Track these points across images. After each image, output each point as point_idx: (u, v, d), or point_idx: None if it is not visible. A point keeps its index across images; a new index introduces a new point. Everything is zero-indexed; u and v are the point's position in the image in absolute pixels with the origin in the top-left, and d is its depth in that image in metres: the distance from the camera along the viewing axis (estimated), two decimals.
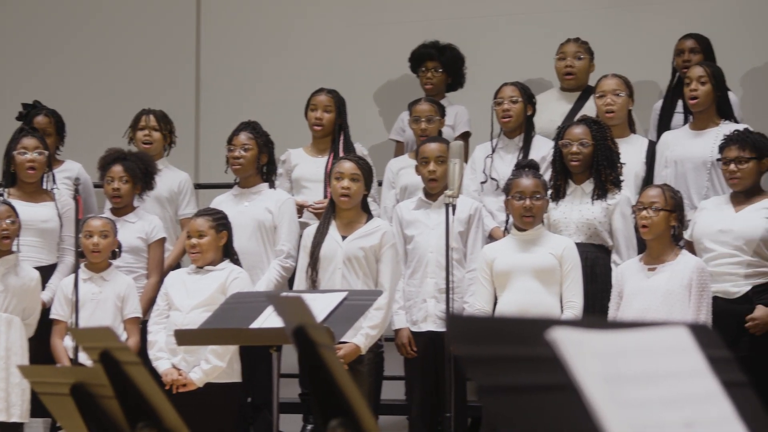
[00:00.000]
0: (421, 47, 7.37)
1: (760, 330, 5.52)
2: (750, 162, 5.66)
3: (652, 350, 1.86)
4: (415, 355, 6.10)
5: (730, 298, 5.58)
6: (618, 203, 5.92)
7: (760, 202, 5.68)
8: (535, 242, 5.78)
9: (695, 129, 6.31)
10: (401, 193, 6.63)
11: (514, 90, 6.49)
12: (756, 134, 5.77)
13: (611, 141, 6.03)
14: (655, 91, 7.34)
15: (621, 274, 5.61)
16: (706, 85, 6.21)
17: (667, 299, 5.38)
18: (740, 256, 5.60)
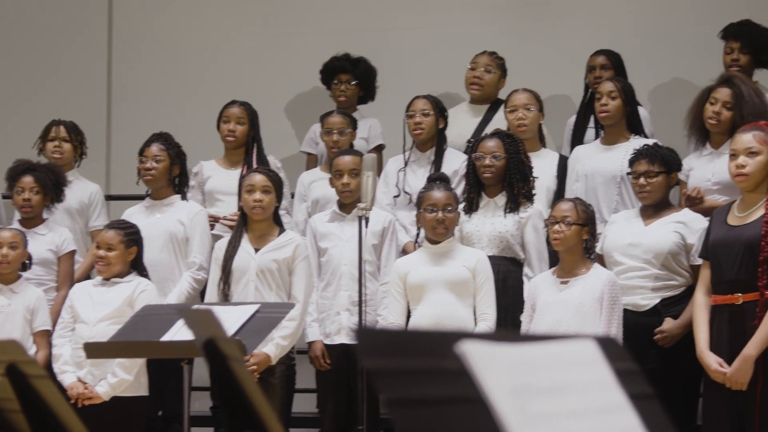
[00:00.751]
0: (333, 60, 7.38)
1: (668, 343, 5.58)
2: (659, 176, 5.73)
3: (560, 363, 1.88)
4: (328, 368, 6.10)
5: (639, 311, 5.64)
6: (530, 216, 5.96)
7: (668, 216, 5.74)
8: (448, 255, 5.81)
9: (606, 143, 6.38)
10: (313, 206, 6.62)
11: (425, 103, 6.53)
12: (665, 149, 5.84)
13: (524, 154, 6.08)
14: (569, 106, 7.41)
15: (534, 287, 5.65)
16: (617, 100, 6.28)
17: (579, 312, 5.43)
18: (649, 270, 5.66)
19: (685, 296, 5.62)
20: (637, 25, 7.68)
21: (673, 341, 5.57)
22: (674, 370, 5.53)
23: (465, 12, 7.95)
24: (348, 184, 6.11)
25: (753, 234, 5.14)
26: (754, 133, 5.26)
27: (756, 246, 5.11)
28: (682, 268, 5.66)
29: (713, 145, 6.05)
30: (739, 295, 5.14)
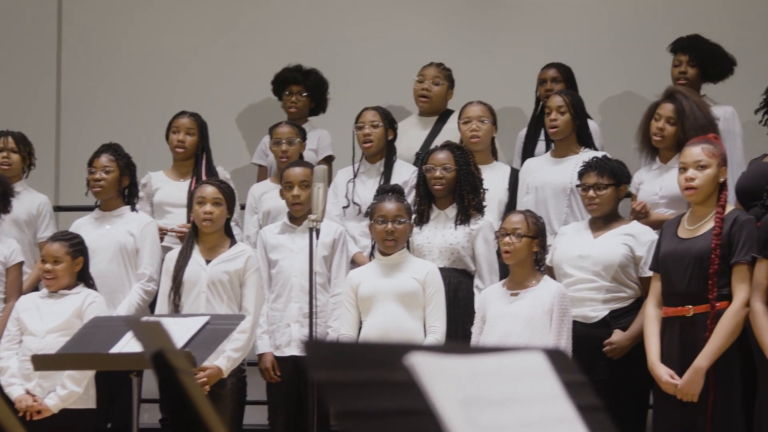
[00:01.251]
0: (285, 71, 7.37)
1: (617, 354, 5.61)
2: (608, 188, 5.76)
3: (509, 375, 1.88)
4: (279, 380, 6.08)
5: (588, 323, 5.66)
6: (481, 228, 5.98)
7: (617, 228, 5.77)
8: (399, 267, 5.81)
9: (556, 156, 6.41)
10: (264, 217, 6.61)
11: (374, 114, 6.54)
12: (614, 161, 5.87)
13: (474, 166, 6.10)
14: (521, 118, 7.45)
15: (484, 299, 5.66)
16: (566, 114, 6.31)
17: (529, 324, 5.45)
18: (598, 282, 5.69)
19: (633, 308, 5.65)
20: (587, 38, 7.73)
21: (622, 353, 5.60)
22: (623, 382, 5.56)
23: (416, 24, 7.97)
24: (298, 196, 6.10)
25: (703, 247, 5.17)
26: (702, 146, 5.30)
27: (706, 258, 5.15)
28: (630, 280, 5.69)
29: (662, 160, 6.09)
30: (690, 307, 5.18)
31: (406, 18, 8.01)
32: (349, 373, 1.67)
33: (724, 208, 5.24)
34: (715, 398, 5.08)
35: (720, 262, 5.14)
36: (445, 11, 8.03)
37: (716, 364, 5.09)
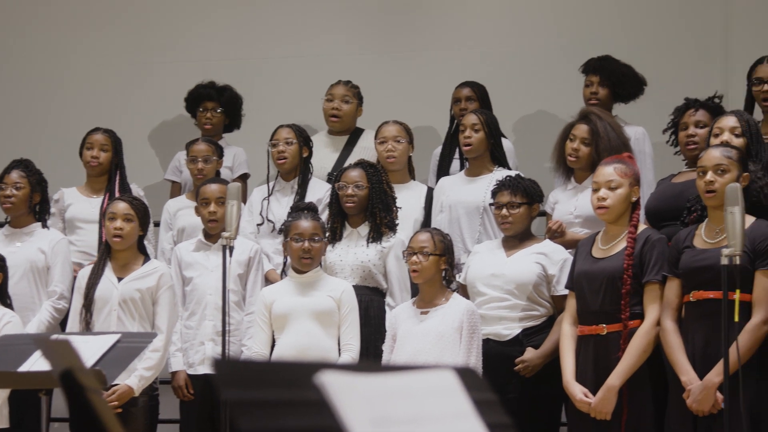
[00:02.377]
0: (199, 87, 7.35)
1: (529, 372, 5.63)
2: (521, 207, 5.79)
3: (420, 393, 1.88)
4: (192, 398, 6.04)
5: (501, 341, 5.69)
6: (392, 246, 5.99)
7: (530, 247, 5.80)
8: (314, 285, 5.80)
9: (470, 175, 6.44)
10: (179, 234, 6.57)
11: (289, 132, 6.53)
12: (527, 180, 5.91)
13: (387, 184, 6.11)
14: (435, 137, 7.48)
15: (395, 317, 5.67)
16: (480, 133, 6.35)
17: (438, 342, 5.46)
18: (511, 300, 5.71)
19: (546, 326, 5.68)
20: (501, 57, 7.78)
21: (534, 371, 5.63)
22: (535, 400, 5.59)
23: (331, 42, 7.98)
24: (214, 213, 6.08)
25: (616, 266, 5.22)
26: (615, 166, 5.36)
27: (619, 278, 5.20)
28: (543, 298, 5.73)
29: (577, 180, 6.14)
30: (604, 325, 5.22)
31: (320, 36, 8.01)
32: (258, 392, 1.67)
33: (636, 228, 5.29)
34: (628, 416, 5.12)
35: (632, 282, 5.19)
36: (359, 30, 8.05)
37: (629, 382, 5.12)
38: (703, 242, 5.07)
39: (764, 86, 6.04)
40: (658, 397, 5.16)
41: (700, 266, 4.98)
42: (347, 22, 8.06)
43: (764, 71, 6.07)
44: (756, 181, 5.15)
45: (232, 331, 5.81)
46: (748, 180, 5.10)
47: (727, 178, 5.00)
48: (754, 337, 4.86)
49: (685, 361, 4.97)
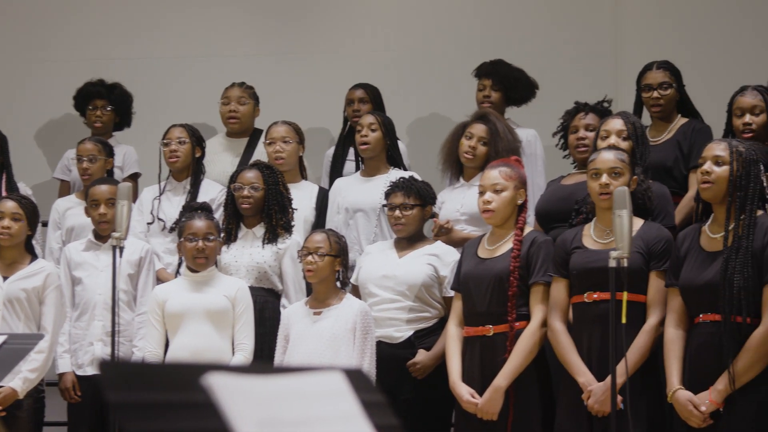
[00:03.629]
0: (88, 85, 7.27)
1: (421, 374, 5.66)
2: (414, 209, 5.81)
3: (308, 395, 1.88)
4: (79, 400, 5.97)
5: (393, 343, 5.71)
6: (288, 247, 5.98)
7: (422, 249, 5.82)
8: (208, 284, 5.77)
9: (366, 176, 6.45)
10: (68, 234, 6.49)
11: (182, 131, 6.49)
12: (421, 182, 5.93)
13: (283, 186, 6.11)
14: (328, 138, 7.48)
15: (287, 318, 5.66)
16: (377, 133, 6.37)
17: (332, 343, 5.46)
18: (403, 302, 5.73)
19: (438, 328, 5.71)
20: (395, 60, 7.81)
21: (426, 372, 5.65)
22: (428, 401, 5.61)
23: (224, 43, 7.94)
24: (105, 214, 6.02)
25: (502, 267, 5.26)
26: (500, 169, 5.39)
27: (505, 279, 5.23)
28: (434, 300, 5.76)
29: (465, 178, 6.18)
30: (490, 326, 5.25)
31: (215, 36, 7.97)
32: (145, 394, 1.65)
33: (522, 230, 5.34)
34: (514, 417, 5.16)
35: (518, 283, 5.23)
36: (254, 31, 8.02)
37: (516, 383, 5.15)
38: (593, 243, 5.13)
39: (653, 92, 6.13)
40: (545, 398, 5.21)
41: (589, 268, 5.04)
42: (242, 23, 8.03)
43: (653, 77, 6.16)
44: (640, 184, 5.24)
45: (122, 332, 5.75)
46: (636, 183, 5.18)
47: (621, 181, 5.07)
48: (651, 339, 4.93)
49: (580, 362, 5.01)
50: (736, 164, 4.75)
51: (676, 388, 4.73)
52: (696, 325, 4.78)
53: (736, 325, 4.62)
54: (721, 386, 4.62)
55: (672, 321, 4.86)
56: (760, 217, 4.74)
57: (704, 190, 4.82)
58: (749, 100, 5.62)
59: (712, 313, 4.70)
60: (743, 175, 4.74)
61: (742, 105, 5.64)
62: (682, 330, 4.83)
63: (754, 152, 4.80)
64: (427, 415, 5.57)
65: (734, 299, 4.63)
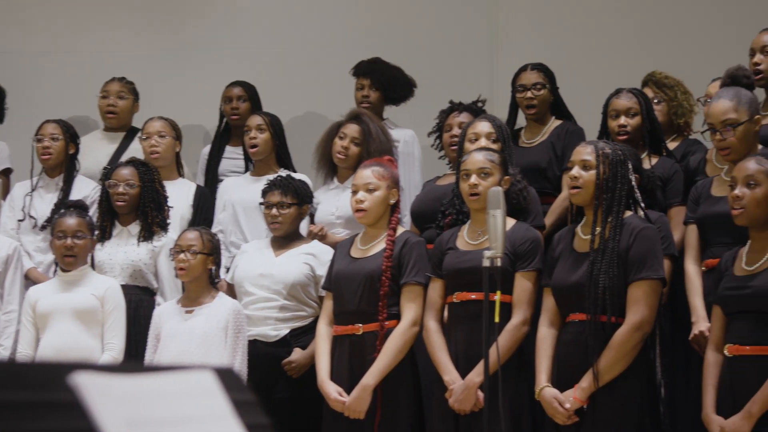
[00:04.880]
0: None
1: (296, 373, 5.66)
2: (291, 208, 5.81)
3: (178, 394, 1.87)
4: None
5: (269, 341, 5.70)
6: (164, 245, 5.94)
7: (299, 247, 5.82)
8: (78, 283, 5.70)
9: (255, 175, 6.44)
10: None
11: (55, 127, 6.43)
12: (298, 181, 5.93)
13: (159, 183, 6.06)
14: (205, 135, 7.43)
15: (158, 316, 5.62)
16: (265, 134, 6.36)
17: (204, 342, 5.44)
18: (279, 300, 5.72)
19: (313, 326, 5.69)
20: (274, 58, 7.78)
21: (301, 371, 5.64)
22: (302, 400, 5.60)
23: (100, 38, 7.84)
24: None
25: (374, 267, 5.28)
26: (373, 168, 5.41)
27: (377, 279, 5.25)
28: (310, 299, 5.76)
29: (339, 180, 6.20)
30: (360, 325, 5.26)
31: (94, 32, 7.87)
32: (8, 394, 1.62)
33: (395, 231, 5.36)
34: (382, 416, 5.18)
35: (390, 283, 5.25)
36: (130, 26, 7.93)
37: (384, 382, 5.17)
38: (465, 244, 5.18)
39: (526, 93, 6.20)
40: (414, 397, 5.24)
41: (462, 268, 5.08)
42: (118, 18, 7.94)
43: (527, 78, 6.23)
44: (515, 184, 5.29)
45: None
46: (509, 183, 5.23)
47: (491, 181, 5.11)
48: (514, 338, 4.98)
49: (447, 361, 5.05)
50: (603, 167, 4.81)
51: (543, 386, 4.79)
52: (565, 325, 4.85)
53: (601, 324, 4.69)
54: (586, 384, 4.68)
55: (545, 320, 4.92)
56: (627, 218, 4.81)
57: (573, 195, 4.88)
58: (624, 102, 5.71)
59: (579, 312, 4.77)
60: (610, 178, 4.81)
61: (617, 107, 5.72)
62: (555, 329, 4.89)
63: (621, 153, 4.87)
64: (300, 414, 5.57)
65: (599, 299, 4.69)
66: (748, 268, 4.60)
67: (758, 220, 4.60)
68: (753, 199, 4.59)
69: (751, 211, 4.60)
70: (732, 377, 4.54)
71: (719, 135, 5.03)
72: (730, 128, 5.00)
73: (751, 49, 5.69)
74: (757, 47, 5.67)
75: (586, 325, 4.72)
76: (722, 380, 4.59)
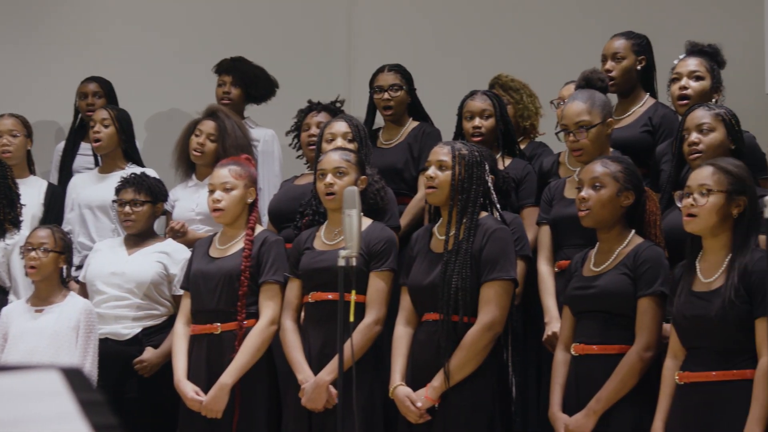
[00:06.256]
0: None
1: (148, 372, 5.61)
2: (145, 205, 5.77)
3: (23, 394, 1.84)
4: None
5: (121, 340, 5.64)
6: (16, 243, 5.86)
7: (153, 246, 5.78)
8: None
9: (102, 172, 6.38)
10: None
11: None
12: (152, 179, 5.89)
13: (11, 180, 5.96)
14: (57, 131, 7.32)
15: (6, 315, 5.53)
16: (110, 128, 6.31)
17: (54, 341, 5.36)
18: (131, 299, 5.67)
19: (166, 326, 5.67)
20: (133, 53, 7.69)
21: (153, 370, 5.60)
22: (154, 399, 5.56)
23: None
24: None
25: (233, 266, 5.26)
26: (230, 167, 5.38)
27: (236, 278, 5.23)
28: (164, 297, 5.72)
29: (198, 177, 6.18)
30: (218, 324, 5.24)
31: None
32: None
33: (253, 230, 5.35)
34: (240, 415, 5.17)
35: (249, 282, 5.25)
36: None
37: (242, 381, 5.16)
38: (322, 244, 5.19)
39: (384, 94, 6.24)
40: (272, 396, 5.24)
41: (318, 267, 5.09)
42: None
43: (384, 79, 6.27)
44: (372, 184, 5.32)
45: None
46: (366, 183, 5.25)
47: (346, 180, 5.13)
48: (366, 337, 5.01)
49: (302, 360, 5.06)
50: (459, 168, 4.86)
51: (396, 385, 4.82)
52: (420, 324, 4.89)
53: (453, 325, 4.74)
54: (437, 383, 4.72)
55: (401, 319, 4.95)
56: (482, 219, 4.87)
57: (429, 195, 4.92)
58: (479, 104, 5.79)
59: (433, 312, 4.81)
60: (466, 179, 4.86)
61: (472, 109, 5.79)
62: (411, 328, 4.92)
63: (477, 154, 4.92)
64: (153, 413, 5.53)
65: (452, 299, 4.74)
66: (595, 269, 4.68)
67: (604, 221, 4.68)
68: (598, 201, 4.67)
69: (597, 213, 4.67)
70: (578, 376, 4.62)
71: (573, 136, 5.12)
72: (583, 130, 5.09)
73: (603, 56, 5.80)
74: (609, 54, 5.78)
75: (439, 325, 4.76)
76: (569, 379, 4.66)
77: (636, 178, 4.71)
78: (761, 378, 4.09)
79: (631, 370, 4.47)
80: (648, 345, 4.49)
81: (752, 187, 4.34)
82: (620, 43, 5.77)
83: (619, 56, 5.75)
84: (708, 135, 4.82)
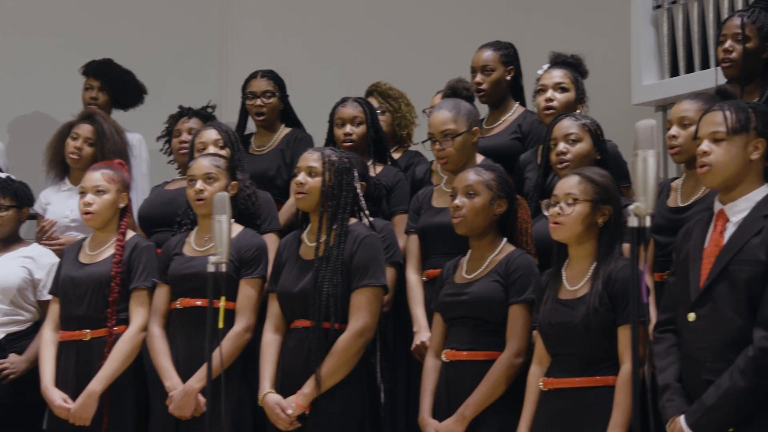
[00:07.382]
0: None
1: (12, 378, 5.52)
2: (10, 210, 5.70)
3: None
4: None
5: None
6: None
7: (18, 251, 5.71)
8: None
9: None
10: None
11: None
12: (18, 183, 5.81)
13: None
14: None
15: None
16: None
17: None
18: None
19: (31, 331, 5.59)
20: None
21: (17, 376, 5.52)
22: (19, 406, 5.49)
23: None
24: None
25: (103, 272, 5.21)
26: (102, 171, 5.34)
27: (106, 284, 5.18)
28: (28, 303, 5.64)
29: (72, 181, 6.10)
30: (87, 331, 5.19)
31: None
32: None
33: (124, 235, 5.30)
34: (109, 423, 5.12)
35: (120, 288, 5.20)
36: None
37: (111, 388, 5.12)
38: (192, 250, 5.16)
39: (257, 101, 6.24)
40: (140, 403, 5.19)
41: (187, 273, 5.07)
42: None
43: (257, 86, 6.26)
44: (244, 189, 5.31)
45: None
46: (236, 188, 5.24)
47: (216, 186, 5.12)
48: (236, 344, 4.99)
49: (169, 367, 5.03)
50: (329, 174, 4.87)
51: (266, 392, 4.81)
52: (290, 331, 4.88)
53: (325, 331, 4.74)
54: (308, 390, 4.72)
55: (270, 326, 4.94)
56: (352, 225, 4.88)
57: (299, 200, 4.93)
58: (350, 111, 5.81)
59: (304, 319, 4.81)
60: (335, 185, 4.87)
61: (343, 115, 5.82)
62: (279, 335, 4.91)
63: (347, 160, 4.94)
64: (18, 420, 5.45)
65: (323, 306, 4.75)
66: (467, 276, 4.73)
67: (477, 228, 4.74)
68: (472, 209, 4.72)
69: (470, 220, 4.73)
70: (448, 381, 4.66)
71: (438, 145, 5.18)
72: (448, 138, 5.15)
73: (472, 68, 5.87)
74: (478, 67, 5.85)
75: (310, 332, 4.76)
76: (439, 384, 4.70)
77: (508, 186, 4.78)
78: (623, 384, 4.18)
79: (502, 376, 4.53)
80: (518, 351, 4.55)
81: (617, 197, 4.43)
82: (488, 54, 5.84)
83: (488, 69, 5.82)
84: (575, 145, 4.90)
